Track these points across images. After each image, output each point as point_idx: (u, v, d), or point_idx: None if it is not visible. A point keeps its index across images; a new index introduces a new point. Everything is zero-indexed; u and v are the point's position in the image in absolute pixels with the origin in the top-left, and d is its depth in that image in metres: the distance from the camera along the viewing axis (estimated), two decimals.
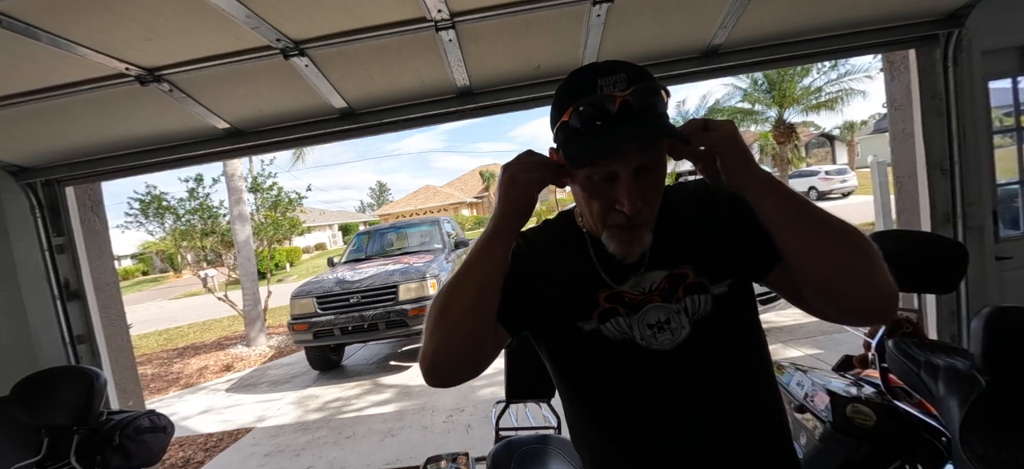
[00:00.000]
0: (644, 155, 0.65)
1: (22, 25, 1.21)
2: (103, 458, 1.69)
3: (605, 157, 0.64)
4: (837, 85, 14.04)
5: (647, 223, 0.69)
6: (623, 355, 0.71)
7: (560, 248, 0.79)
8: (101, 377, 1.77)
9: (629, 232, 0.68)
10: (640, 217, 0.67)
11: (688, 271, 0.71)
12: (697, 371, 0.69)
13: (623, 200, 0.65)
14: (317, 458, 3.40)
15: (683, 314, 0.70)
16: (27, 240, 2.14)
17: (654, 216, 0.70)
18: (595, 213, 0.69)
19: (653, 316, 0.70)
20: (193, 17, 1.30)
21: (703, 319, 0.70)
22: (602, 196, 0.68)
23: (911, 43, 1.96)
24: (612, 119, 0.63)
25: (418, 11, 1.42)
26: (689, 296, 0.70)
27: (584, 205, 0.72)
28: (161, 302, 17.32)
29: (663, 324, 0.70)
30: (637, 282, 0.72)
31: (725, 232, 0.74)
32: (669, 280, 0.71)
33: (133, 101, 1.70)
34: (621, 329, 0.71)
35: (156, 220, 7.00)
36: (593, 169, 0.67)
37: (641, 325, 0.70)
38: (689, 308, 0.70)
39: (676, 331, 0.69)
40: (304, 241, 28.80)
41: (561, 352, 0.77)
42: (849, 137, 27.52)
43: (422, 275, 5.04)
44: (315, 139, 2.17)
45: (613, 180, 0.66)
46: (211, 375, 6.20)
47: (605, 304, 0.72)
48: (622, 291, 0.72)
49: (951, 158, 1.98)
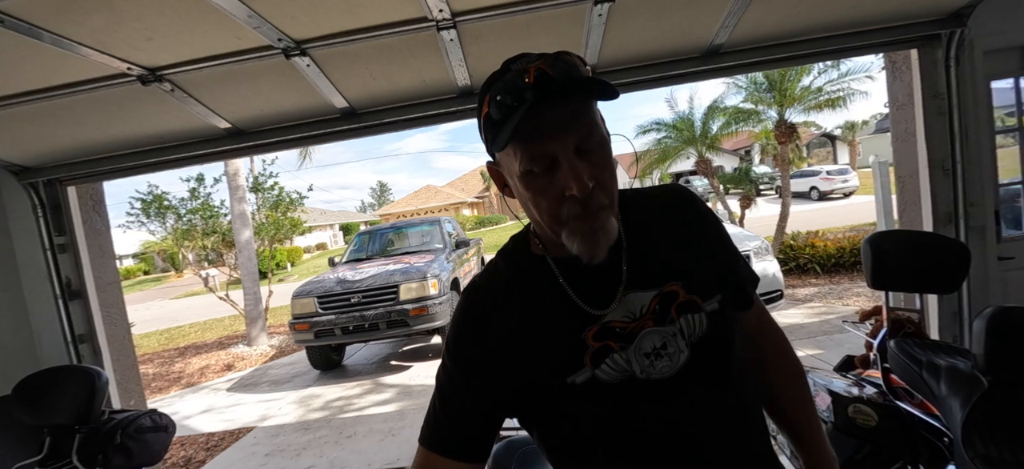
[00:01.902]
0: (580, 128, 0.59)
1: (25, 25, 1.21)
2: (105, 457, 1.69)
3: (532, 136, 0.58)
4: (838, 84, 14.01)
5: (606, 207, 0.60)
6: (623, 395, 0.62)
7: (521, 291, 0.67)
8: (103, 376, 1.77)
9: (589, 220, 0.59)
10: (595, 200, 0.59)
11: (678, 288, 0.64)
12: (699, 395, 0.63)
13: (570, 183, 0.57)
14: (318, 457, 3.40)
15: (680, 337, 0.63)
16: (29, 239, 2.15)
17: (613, 198, 0.62)
18: (546, 212, 0.61)
19: (649, 343, 0.62)
20: (194, 17, 1.30)
21: (701, 340, 0.63)
22: (548, 189, 0.60)
23: (913, 43, 1.95)
24: (530, 93, 0.57)
25: (419, 11, 1.42)
26: (683, 316, 0.63)
27: (533, 210, 0.63)
28: (162, 301, 17.35)
29: (660, 350, 0.62)
30: (623, 306, 0.64)
31: (709, 243, 0.70)
32: (660, 300, 0.64)
33: (135, 101, 1.70)
34: (618, 367, 0.61)
35: (157, 220, 7.01)
36: (529, 161, 0.59)
37: (639, 355, 0.62)
38: (685, 330, 0.63)
39: (674, 356, 0.62)
40: (305, 241, 28.84)
41: (546, 418, 0.67)
42: (851, 137, 27.48)
43: (423, 275, 5.04)
44: (316, 139, 2.17)
45: (554, 168, 0.59)
46: (212, 374, 6.20)
47: (595, 343, 0.62)
48: (610, 322, 0.63)
49: (953, 158, 1.98)
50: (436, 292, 4.98)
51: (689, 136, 9.89)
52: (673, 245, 0.68)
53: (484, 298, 0.69)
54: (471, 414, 0.65)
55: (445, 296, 5.11)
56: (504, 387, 0.65)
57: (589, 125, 0.60)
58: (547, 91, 0.57)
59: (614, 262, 0.65)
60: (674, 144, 10.16)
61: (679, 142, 9.96)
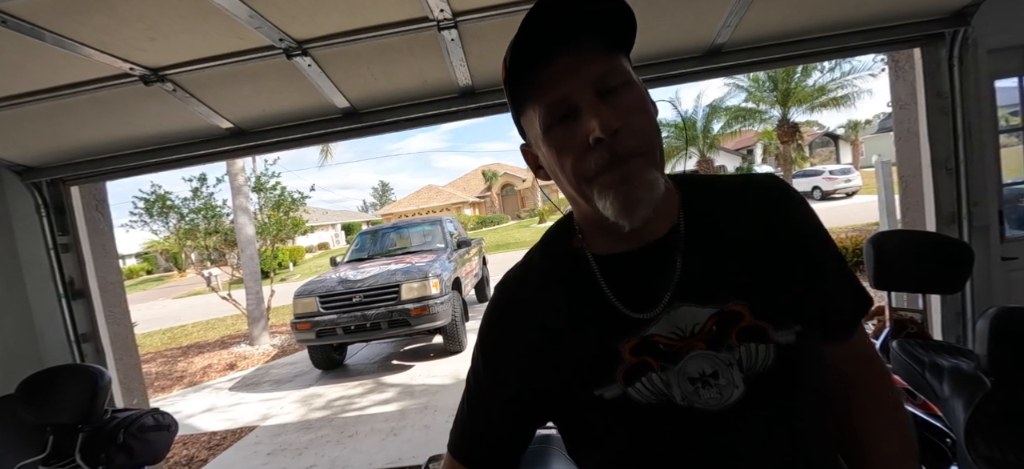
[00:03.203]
0: (599, 64, 0.51)
1: (28, 26, 1.21)
2: (107, 456, 1.70)
3: (546, 84, 0.51)
4: (840, 82, 13.99)
5: (642, 153, 0.51)
6: (657, 420, 0.53)
7: (555, 288, 0.60)
8: (105, 375, 1.78)
9: (620, 169, 0.50)
10: (624, 144, 0.50)
11: (742, 310, 0.53)
12: (749, 442, 0.52)
13: (591, 123, 0.49)
14: (320, 457, 3.41)
15: (735, 368, 0.52)
16: (32, 239, 2.16)
17: (652, 147, 0.52)
18: (571, 171, 0.53)
19: (696, 367, 0.52)
20: (196, 17, 1.31)
21: (761, 376, 0.52)
22: (569, 141, 0.52)
23: (916, 42, 1.95)
24: (545, 26, 0.50)
25: (420, 11, 1.42)
26: (744, 344, 0.52)
27: (561, 176, 0.55)
28: (165, 301, 17.41)
29: (709, 378, 0.52)
30: (671, 319, 0.53)
31: (799, 257, 0.56)
32: (718, 320, 0.53)
33: (137, 101, 1.70)
34: (656, 389, 0.53)
35: (160, 219, 7.04)
36: (547, 114, 0.52)
37: (682, 379, 0.52)
38: (744, 361, 0.52)
39: (725, 389, 0.52)
40: (307, 240, 28.91)
41: (572, 429, 0.60)
42: (853, 136, 27.40)
43: (424, 274, 5.04)
44: (318, 139, 2.17)
45: (575, 115, 0.51)
46: (215, 374, 6.22)
47: (631, 358, 0.53)
48: (653, 336, 0.53)
49: (956, 157, 1.97)
50: (437, 292, 4.98)
51: (691, 135, 9.91)
52: (747, 252, 0.55)
53: (515, 294, 0.63)
54: (498, 421, 0.61)
55: (446, 296, 5.11)
56: (532, 393, 0.59)
57: (611, 61, 0.52)
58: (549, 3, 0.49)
59: (666, 259, 0.55)
60: (676, 143, 10.16)
61: (681, 141, 9.96)
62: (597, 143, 0.50)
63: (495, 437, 0.62)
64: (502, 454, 0.62)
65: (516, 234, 23.80)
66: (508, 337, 0.61)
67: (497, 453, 0.62)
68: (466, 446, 0.62)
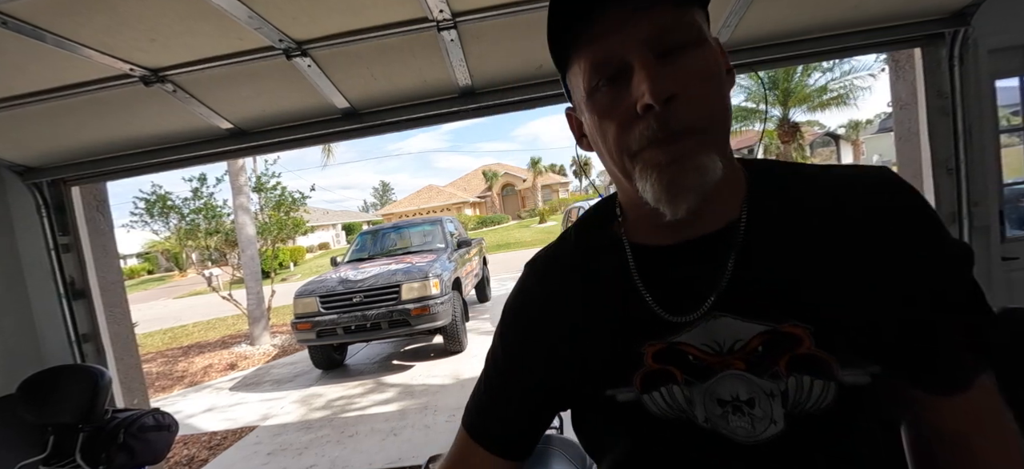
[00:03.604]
0: (658, 16, 0.42)
1: (28, 26, 1.22)
2: (108, 456, 1.70)
3: (594, 36, 0.43)
4: (840, 82, 14.00)
5: (700, 131, 0.43)
6: (671, 438, 0.47)
7: (586, 272, 0.54)
8: (106, 375, 1.78)
9: (670, 146, 0.42)
10: (679, 116, 0.41)
11: (802, 334, 0.43)
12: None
13: (641, 88, 0.41)
14: (320, 456, 3.41)
15: (777, 400, 0.43)
16: (33, 239, 2.16)
17: (714, 122, 0.44)
18: (614, 142, 0.45)
19: (729, 389, 0.44)
20: (196, 18, 1.31)
21: (810, 417, 0.42)
22: (614, 106, 0.44)
23: (916, 42, 1.94)
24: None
25: (420, 11, 1.42)
26: (796, 375, 0.43)
27: (602, 146, 0.48)
28: (166, 301, 17.44)
29: (742, 404, 0.44)
30: (707, 329, 0.45)
31: (900, 285, 0.43)
32: (766, 341, 0.44)
33: (137, 102, 1.71)
34: (675, 403, 0.46)
35: (161, 219, 7.05)
36: (592, 72, 0.45)
37: (709, 399, 0.45)
38: (791, 394, 0.43)
39: (759, 422, 0.43)
40: (308, 240, 28.95)
41: (583, 424, 0.56)
42: (854, 136, 27.39)
43: (425, 274, 5.04)
44: (318, 139, 2.17)
45: (625, 76, 0.43)
46: (215, 373, 6.23)
47: (653, 364, 0.47)
48: (682, 344, 0.46)
49: (957, 157, 1.97)
50: (438, 292, 4.99)
51: None
52: (825, 263, 0.44)
53: (543, 275, 0.57)
54: (519, 406, 0.56)
55: (447, 296, 5.12)
56: (549, 382, 0.54)
57: (679, 13, 0.43)
58: None
59: (716, 259, 0.47)
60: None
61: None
62: (646, 111, 0.41)
63: (515, 422, 0.57)
64: (521, 438, 0.57)
65: (516, 234, 23.79)
66: (533, 321, 0.56)
67: (516, 437, 0.57)
68: (484, 427, 0.57)
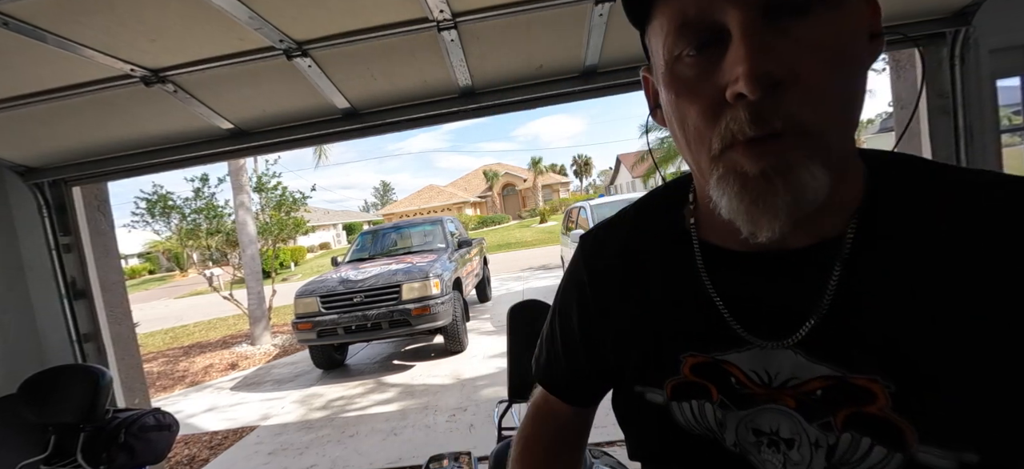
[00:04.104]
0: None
1: (29, 27, 1.22)
2: (109, 456, 1.71)
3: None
4: None
5: (811, 133, 0.32)
6: (694, 451, 0.43)
7: (641, 261, 0.48)
8: (107, 375, 1.79)
9: (765, 152, 0.32)
10: (787, 112, 0.31)
11: (880, 392, 0.35)
12: None
13: (737, 66, 0.31)
14: (320, 456, 3.42)
15: (822, 451, 0.37)
16: (35, 240, 2.17)
17: (831, 122, 0.33)
18: (693, 133, 0.36)
19: (769, 422, 0.39)
20: (196, 18, 1.31)
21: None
22: (699, 86, 0.35)
23: (917, 41, 1.94)
24: None
25: (420, 11, 1.42)
26: (852, 432, 0.36)
27: (679, 132, 0.38)
28: (167, 301, 17.47)
29: (780, 440, 0.39)
30: (762, 356, 0.39)
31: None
32: (828, 386, 0.37)
33: (138, 102, 1.71)
34: (704, 421, 0.42)
35: (162, 219, 7.07)
36: (677, 34, 0.35)
37: (744, 427, 0.40)
38: (839, 451, 0.37)
39: (795, 466, 0.38)
40: (308, 240, 28.97)
41: (619, 405, 0.52)
42: (855, 135, 27.35)
43: (425, 274, 5.05)
44: (318, 139, 2.18)
45: (720, 41, 0.33)
46: (216, 373, 6.24)
47: (690, 375, 0.42)
48: (727, 364, 0.40)
49: (958, 157, 1.97)
50: (438, 292, 4.99)
51: None
52: (944, 307, 0.34)
53: (594, 249, 0.53)
54: (587, 368, 0.55)
55: (447, 296, 5.12)
56: (594, 362, 0.53)
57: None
58: None
59: (805, 280, 0.38)
60: None
61: None
62: (738, 99, 0.32)
63: (576, 379, 0.57)
64: (584, 392, 0.58)
65: (517, 234, 23.78)
66: (575, 297, 0.54)
67: (579, 390, 0.58)
68: (561, 381, 0.58)
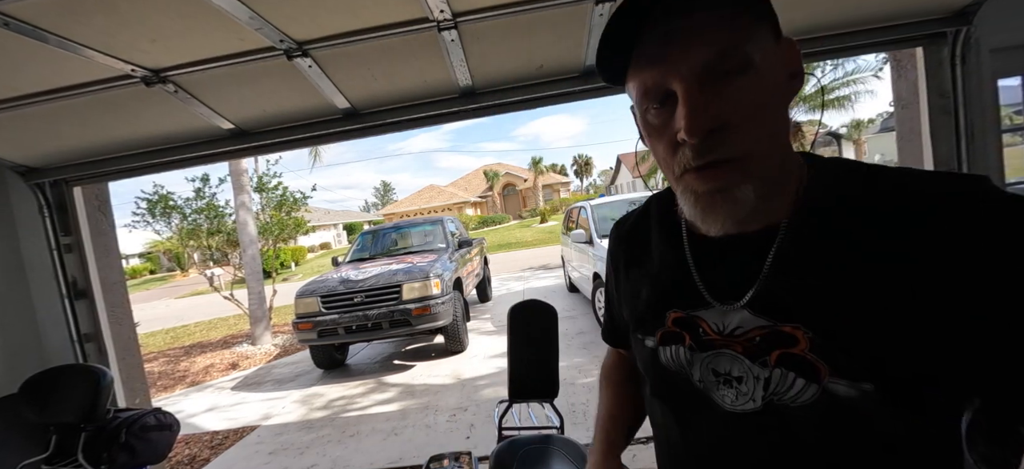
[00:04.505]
0: (707, 43, 0.42)
1: (29, 27, 1.22)
2: (109, 455, 1.71)
3: (643, 61, 0.45)
4: (843, 81, 13.96)
5: (736, 162, 0.44)
6: (674, 385, 0.57)
7: (653, 238, 0.63)
8: (108, 375, 1.79)
9: (706, 177, 0.45)
10: (715, 151, 0.44)
11: (801, 336, 0.45)
12: (741, 453, 0.51)
13: (680, 121, 0.44)
14: (321, 456, 3.42)
15: (760, 384, 0.48)
16: (35, 240, 2.17)
17: (751, 154, 0.44)
18: (662, 162, 0.50)
19: (724, 364, 0.51)
20: (197, 19, 1.31)
21: (786, 408, 0.46)
22: (663, 131, 0.47)
23: (918, 41, 1.94)
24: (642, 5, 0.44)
25: (420, 11, 1.42)
26: (782, 369, 0.47)
27: (655, 158, 0.53)
28: (168, 301, 17.49)
29: (732, 379, 0.51)
30: (723, 311, 0.52)
31: (937, 298, 0.41)
32: (764, 334, 0.48)
33: (139, 102, 1.71)
34: (678, 362, 0.55)
35: (163, 219, 7.07)
36: (642, 96, 0.48)
37: (705, 368, 0.53)
38: (773, 384, 0.47)
39: (742, 397, 0.50)
40: (309, 240, 28.99)
41: (637, 359, 0.66)
42: (856, 136, 27.32)
43: (425, 274, 5.05)
44: (319, 139, 2.18)
45: (672, 101, 0.45)
46: (217, 373, 6.24)
47: (672, 327, 0.56)
48: (698, 319, 0.53)
49: (959, 157, 1.96)
50: (439, 292, 4.99)
51: None
52: (858, 275, 0.44)
53: (623, 232, 0.71)
54: (618, 321, 0.74)
55: (448, 296, 5.12)
56: (622, 314, 0.70)
57: (725, 38, 0.42)
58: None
59: (755, 257, 0.50)
60: None
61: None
62: (685, 142, 0.45)
63: (620, 329, 0.74)
64: (623, 339, 0.74)
65: (518, 234, 23.77)
66: (614, 262, 0.71)
67: (623, 338, 0.73)
68: (614, 335, 0.79)
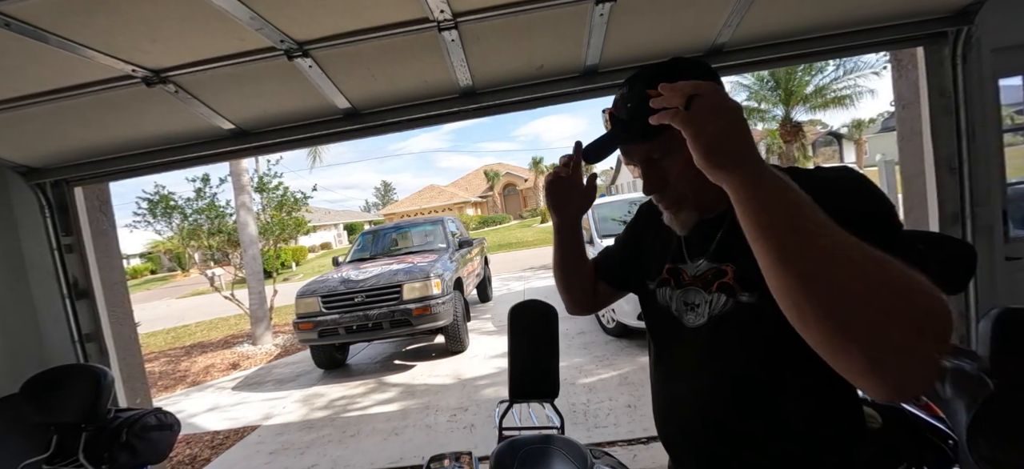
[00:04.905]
0: (644, 148, 0.75)
1: (31, 28, 1.22)
2: (110, 455, 1.71)
3: (597, 159, 0.80)
4: (844, 81, 13.93)
5: (676, 202, 0.76)
6: (664, 319, 0.83)
7: (658, 218, 0.87)
8: (108, 375, 1.79)
9: (663, 207, 0.79)
10: (661, 198, 0.77)
11: (729, 270, 0.74)
12: (697, 358, 0.77)
13: (641, 185, 0.77)
14: (321, 456, 3.42)
15: (706, 306, 0.76)
16: (37, 240, 2.17)
17: (683, 197, 0.76)
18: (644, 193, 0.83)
19: (691, 297, 0.79)
20: (197, 19, 1.31)
21: (720, 317, 0.74)
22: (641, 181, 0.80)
23: (919, 41, 1.93)
24: (610, 126, 0.77)
25: (420, 12, 1.42)
26: (717, 293, 0.74)
27: None
28: (169, 301, 17.49)
29: (694, 306, 0.78)
30: (697, 264, 0.80)
31: None
32: (712, 271, 0.76)
33: (140, 102, 1.71)
34: (664, 299, 0.83)
35: (164, 219, 7.07)
36: (628, 164, 0.82)
37: (679, 301, 0.81)
38: (713, 303, 0.75)
39: (698, 317, 0.77)
40: (309, 240, 28.98)
41: (642, 301, 0.93)
42: (857, 135, 27.27)
43: (426, 274, 5.04)
44: (319, 139, 2.18)
45: None
46: (218, 373, 6.24)
47: (665, 274, 0.84)
48: (680, 269, 0.82)
49: (960, 157, 1.96)
50: (439, 292, 4.99)
51: None
52: None
53: (653, 211, 0.89)
54: (619, 257, 0.99)
55: (448, 296, 5.12)
56: (636, 261, 0.94)
57: (651, 147, 0.74)
58: (608, 137, 0.77)
59: (713, 232, 0.77)
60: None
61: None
62: None
63: (616, 265, 0.99)
64: (612, 274, 1.00)
65: (518, 234, 23.75)
66: (642, 229, 0.95)
67: (610, 271, 1.00)
68: (604, 264, 1.01)
